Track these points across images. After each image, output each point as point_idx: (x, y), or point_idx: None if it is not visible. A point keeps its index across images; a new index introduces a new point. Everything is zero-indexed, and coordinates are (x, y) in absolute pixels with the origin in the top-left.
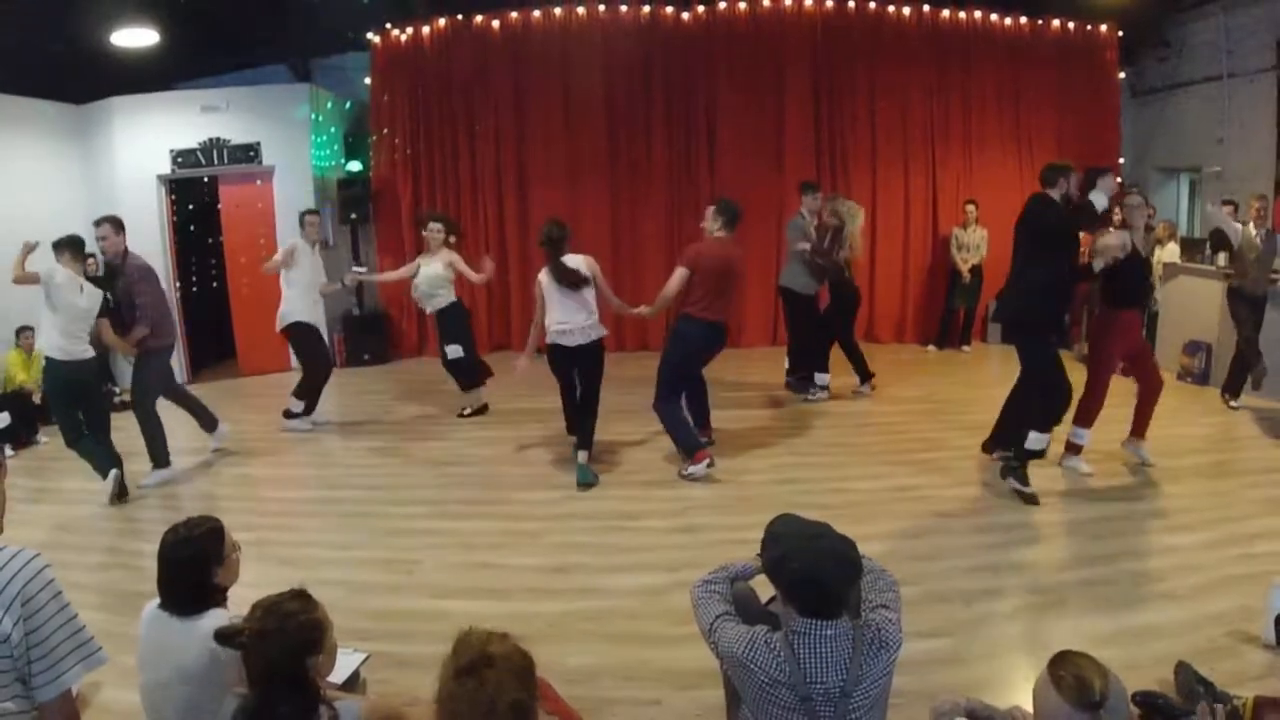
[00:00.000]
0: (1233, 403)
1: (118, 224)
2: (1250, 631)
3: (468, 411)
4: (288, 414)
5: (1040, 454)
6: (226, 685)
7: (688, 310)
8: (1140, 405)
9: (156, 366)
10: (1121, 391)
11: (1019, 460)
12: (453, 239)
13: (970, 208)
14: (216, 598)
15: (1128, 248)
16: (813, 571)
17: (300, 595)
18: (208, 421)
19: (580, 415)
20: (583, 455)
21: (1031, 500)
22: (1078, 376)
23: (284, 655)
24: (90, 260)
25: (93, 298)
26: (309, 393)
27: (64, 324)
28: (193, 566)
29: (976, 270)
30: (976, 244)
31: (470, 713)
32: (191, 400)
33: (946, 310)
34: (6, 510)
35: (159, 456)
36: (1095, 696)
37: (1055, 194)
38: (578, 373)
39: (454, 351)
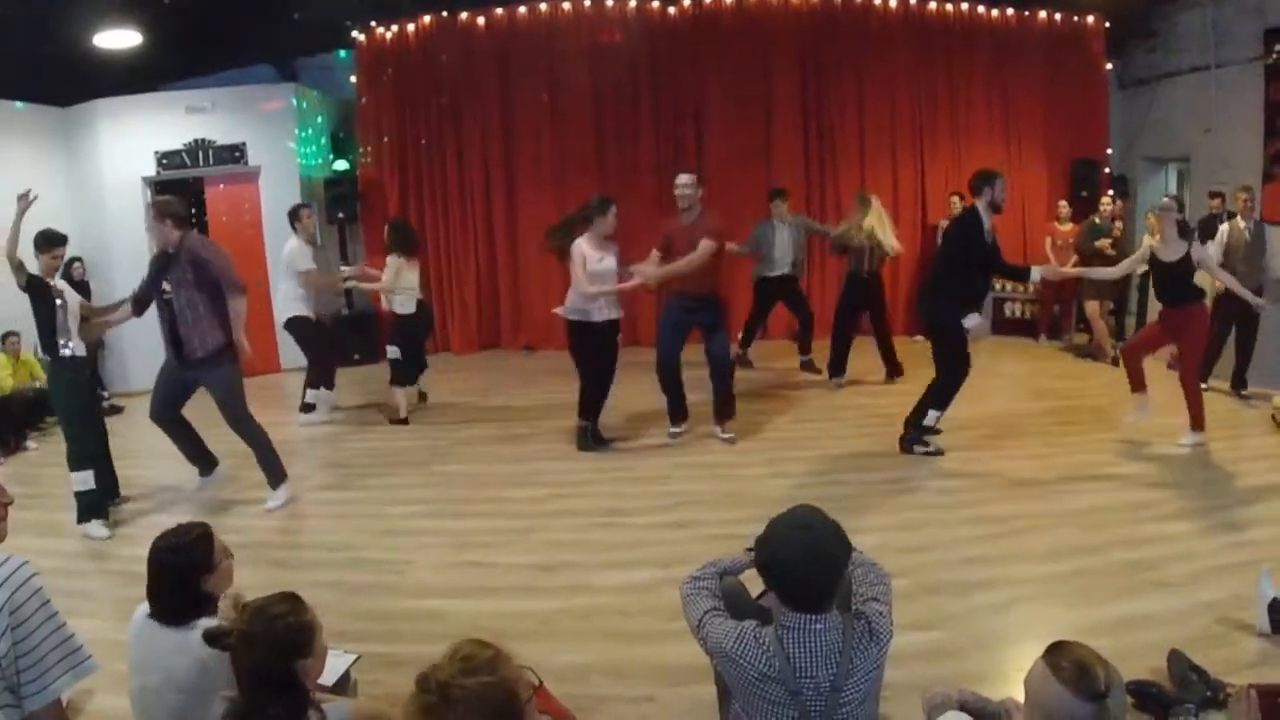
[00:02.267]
0: (1243, 393)
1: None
2: (1243, 619)
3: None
4: (305, 408)
5: (934, 430)
6: (217, 692)
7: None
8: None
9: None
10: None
11: (918, 433)
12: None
13: (955, 199)
14: (207, 606)
15: None
16: (788, 564)
17: (289, 598)
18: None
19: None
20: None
21: (938, 452)
22: (1063, 365)
23: (272, 657)
24: (77, 265)
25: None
26: (323, 378)
27: None
28: (182, 574)
29: None
30: None
31: None
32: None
33: None
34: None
35: (277, 471)
36: (1100, 686)
37: (982, 203)
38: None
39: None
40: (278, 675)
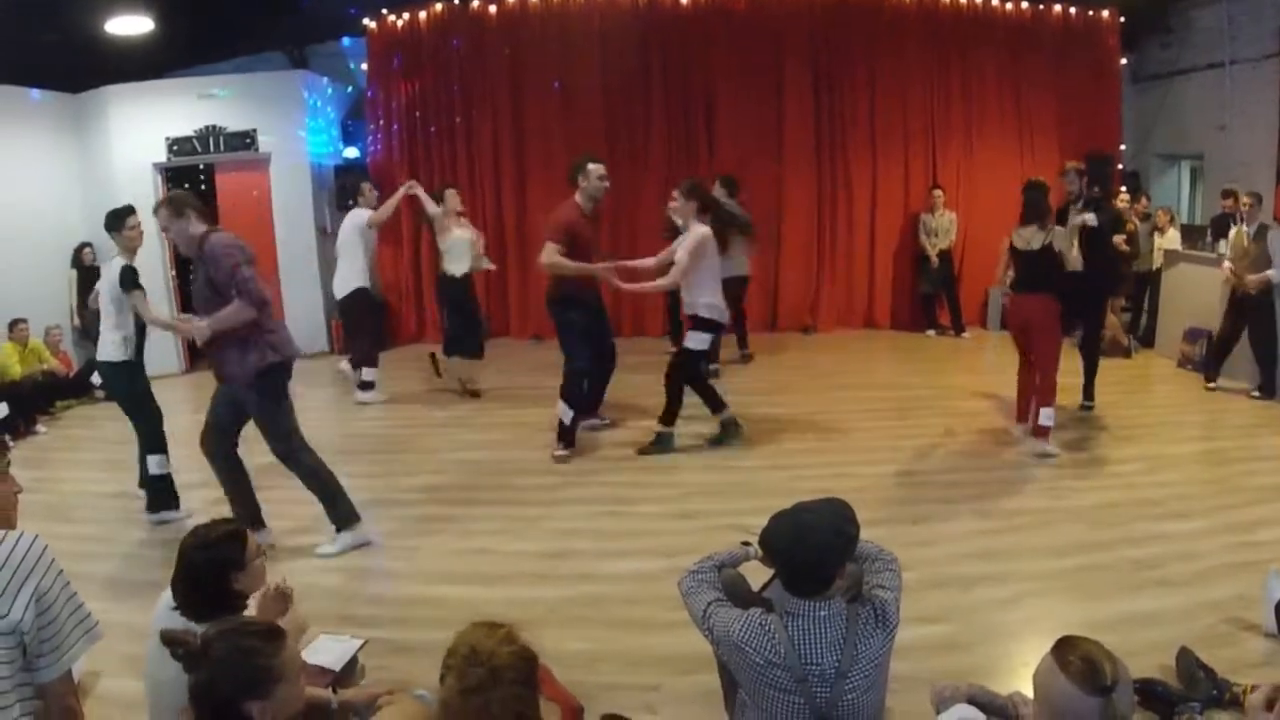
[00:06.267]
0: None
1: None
2: (1250, 619)
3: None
4: (363, 386)
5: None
6: None
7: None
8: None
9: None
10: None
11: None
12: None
13: (937, 193)
14: (235, 604)
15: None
16: (779, 542)
17: (271, 634)
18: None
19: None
20: None
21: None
22: (1073, 362)
23: (219, 685)
24: (87, 251)
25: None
26: (370, 358)
27: None
28: (208, 571)
29: (945, 254)
30: (946, 228)
31: None
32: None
33: (925, 295)
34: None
35: (343, 512)
36: (1106, 680)
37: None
38: None
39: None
40: (222, 707)
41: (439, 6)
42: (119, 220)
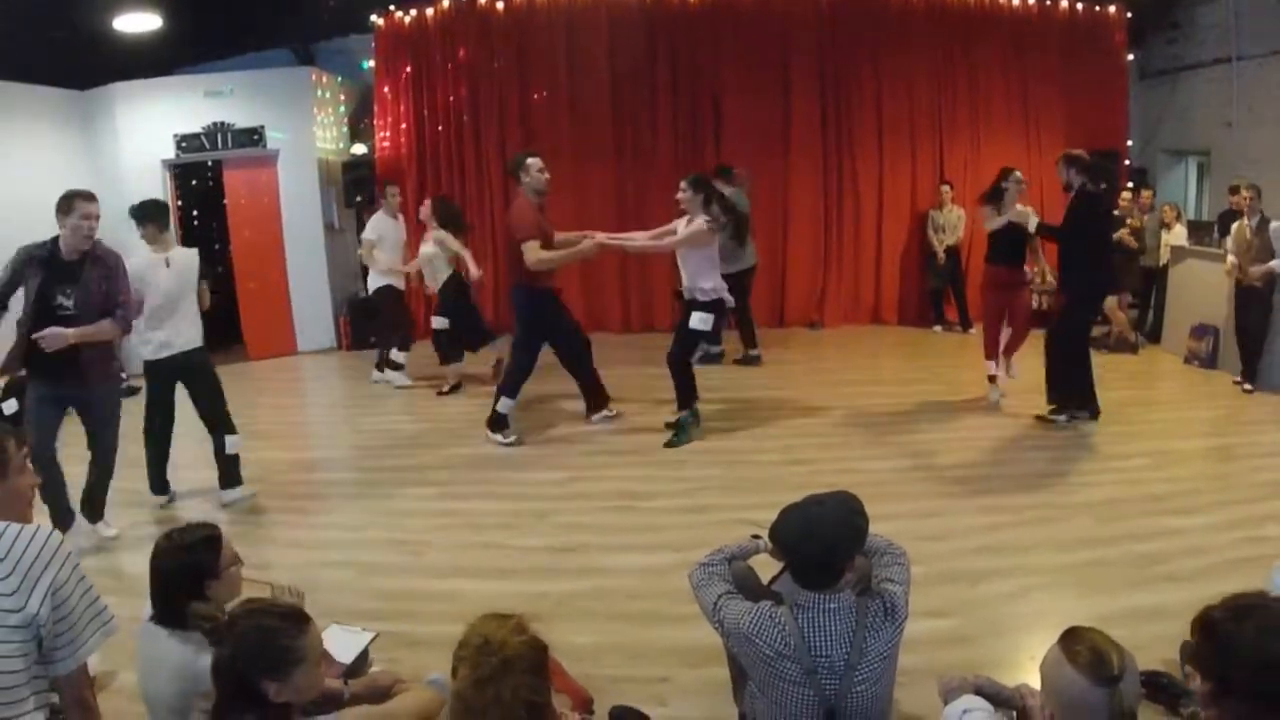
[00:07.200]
0: (1246, 385)
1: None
2: None
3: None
4: (393, 367)
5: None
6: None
7: None
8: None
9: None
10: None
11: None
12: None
13: (945, 189)
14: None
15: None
16: (789, 534)
17: (295, 616)
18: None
19: None
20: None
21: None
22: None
23: (237, 663)
24: None
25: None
26: (403, 344)
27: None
28: (182, 579)
29: (952, 250)
30: (954, 224)
31: (487, 715)
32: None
33: (932, 290)
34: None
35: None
36: (1113, 670)
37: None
38: None
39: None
40: (242, 684)
41: (446, 3)
42: (163, 212)
